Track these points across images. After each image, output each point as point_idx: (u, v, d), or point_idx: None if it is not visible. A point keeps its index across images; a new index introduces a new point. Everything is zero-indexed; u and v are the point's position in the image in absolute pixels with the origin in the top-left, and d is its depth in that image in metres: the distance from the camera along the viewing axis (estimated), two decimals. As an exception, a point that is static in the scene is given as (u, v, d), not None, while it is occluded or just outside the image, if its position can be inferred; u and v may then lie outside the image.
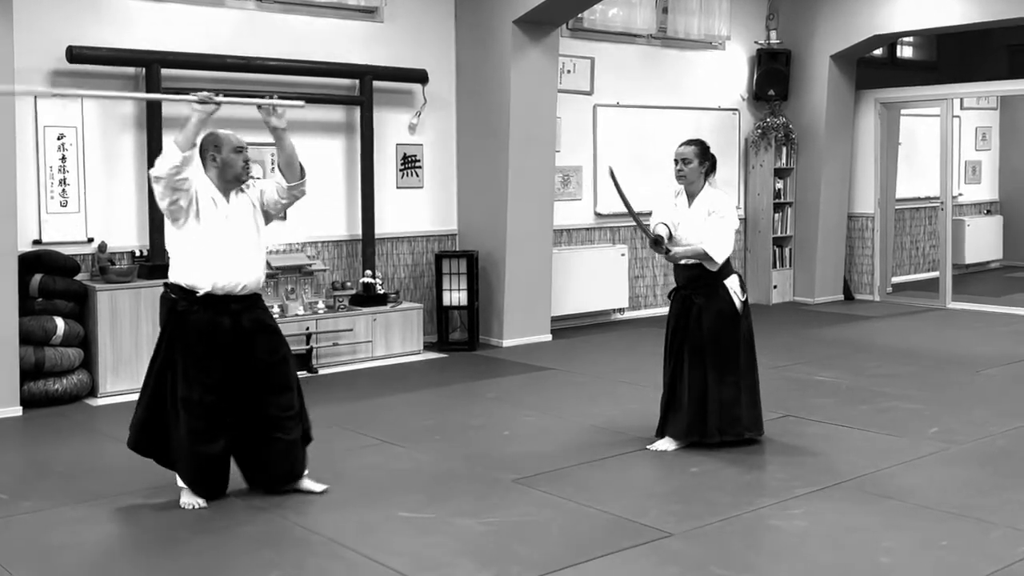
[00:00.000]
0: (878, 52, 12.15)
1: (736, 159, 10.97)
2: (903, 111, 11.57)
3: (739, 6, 10.79)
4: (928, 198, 12.03)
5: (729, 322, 5.44)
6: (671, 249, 5.41)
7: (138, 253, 7.25)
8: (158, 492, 4.80)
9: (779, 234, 11.11)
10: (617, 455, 5.43)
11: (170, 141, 4.54)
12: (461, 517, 4.49)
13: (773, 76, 10.84)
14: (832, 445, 5.58)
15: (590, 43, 9.69)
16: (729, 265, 5.49)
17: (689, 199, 5.53)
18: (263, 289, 4.86)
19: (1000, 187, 14.12)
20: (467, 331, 8.65)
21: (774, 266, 11.08)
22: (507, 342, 8.70)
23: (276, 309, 7.62)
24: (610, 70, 9.83)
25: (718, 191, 5.61)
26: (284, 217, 7.84)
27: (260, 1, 7.88)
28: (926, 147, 11.73)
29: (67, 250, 6.92)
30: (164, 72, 7.15)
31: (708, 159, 5.53)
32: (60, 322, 6.63)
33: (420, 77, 8.54)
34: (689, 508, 4.59)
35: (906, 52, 13.45)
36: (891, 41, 12.32)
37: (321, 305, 7.91)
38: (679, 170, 5.49)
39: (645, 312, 10.29)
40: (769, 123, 10.87)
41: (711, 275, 5.44)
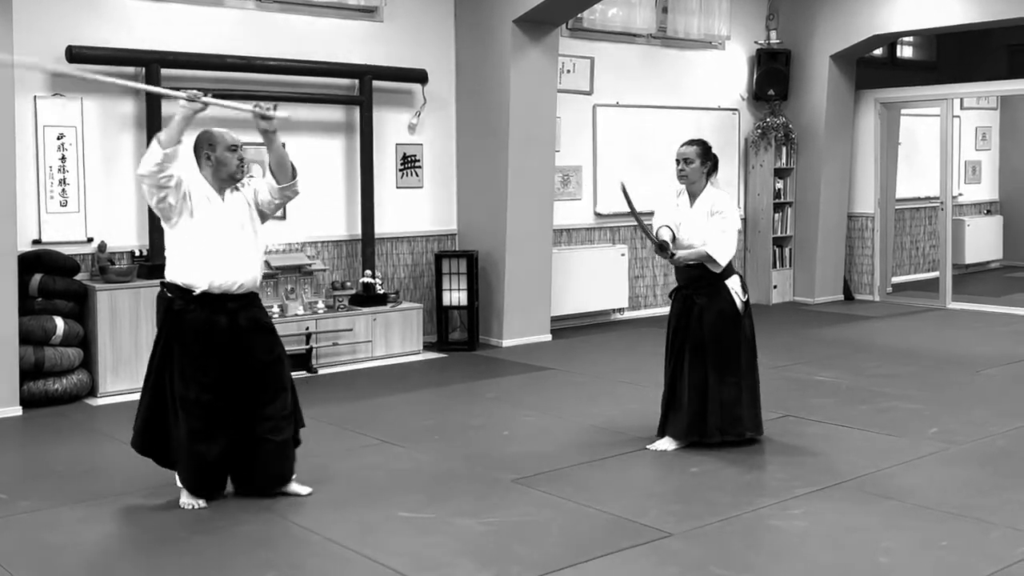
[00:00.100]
0: (878, 52, 12.15)
1: (736, 159, 10.97)
2: (903, 111, 11.57)
3: (739, 6, 10.79)
4: (928, 198, 12.03)
5: (730, 322, 5.43)
6: (675, 252, 5.40)
7: (138, 253, 7.25)
8: (158, 492, 4.79)
9: (779, 234, 11.11)
10: (617, 455, 5.43)
11: (154, 139, 4.53)
12: (461, 517, 4.49)
13: (773, 76, 10.84)
14: (832, 445, 5.58)
15: (590, 43, 9.69)
16: (731, 265, 5.49)
17: (691, 199, 5.52)
18: (261, 288, 4.85)
19: (1000, 187, 14.12)
20: (467, 331, 8.65)
21: (774, 266, 11.08)
22: (507, 342, 8.70)
23: (276, 309, 7.62)
24: (610, 70, 9.83)
25: (720, 191, 5.60)
26: (284, 216, 7.85)
27: (260, 1, 7.88)
28: (926, 147, 11.73)
29: (67, 250, 6.92)
30: (164, 72, 7.15)
31: (710, 159, 5.53)
32: (60, 322, 6.63)
33: (420, 77, 8.54)
34: (689, 508, 4.59)
35: (906, 52, 13.44)
36: (891, 41, 12.32)
37: (321, 305, 7.90)
38: (681, 170, 5.49)
39: (645, 312, 10.29)
40: (769, 123, 10.87)
41: (712, 275, 5.44)
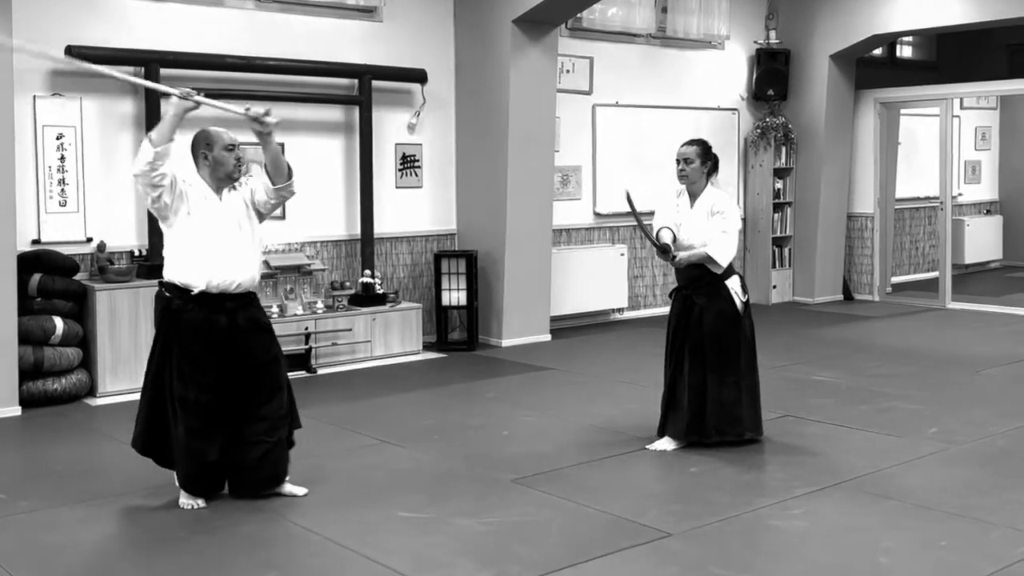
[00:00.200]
0: (878, 52, 12.15)
1: (735, 159, 10.97)
2: (903, 111, 11.57)
3: (738, 6, 10.79)
4: (928, 198, 12.03)
5: (730, 323, 5.43)
6: (677, 254, 5.40)
7: (137, 253, 7.25)
8: (157, 492, 4.79)
9: (779, 234, 11.11)
10: (616, 455, 5.43)
11: (146, 138, 4.53)
12: (460, 517, 4.49)
13: (772, 76, 10.84)
14: (832, 445, 5.57)
15: (589, 43, 9.69)
16: (731, 265, 5.48)
17: (691, 199, 5.52)
18: (260, 288, 4.84)
19: (1000, 187, 14.12)
20: (466, 331, 8.65)
21: (773, 266, 11.07)
22: (506, 342, 8.70)
23: (275, 309, 7.62)
24: (609, 70, 9.83)
25: (720, 191, 5.60)
26: (283, 216, 7.85)
27: (259, 1, 7.88)
28: (926, 147, 11.73)
29: (66, 250, 6.92)
30: (163, 72, 7.15)
31: (710, 159, 5.52)
32: (59, 322, 6.62)
33: (419, 77, 8.53)
34: (688, 508, 4.59)
35: (906, 52, 13.45)
36: (890, 41, 12.32)
37: (320, 305, 7.90)
38: (681, 170, 5.48)
39: (644, 312, 10.29)
40: (768, 123, 10.87)
41: (713, 275, 5.44)
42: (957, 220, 12.10)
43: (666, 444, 5.50)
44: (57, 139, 6.97)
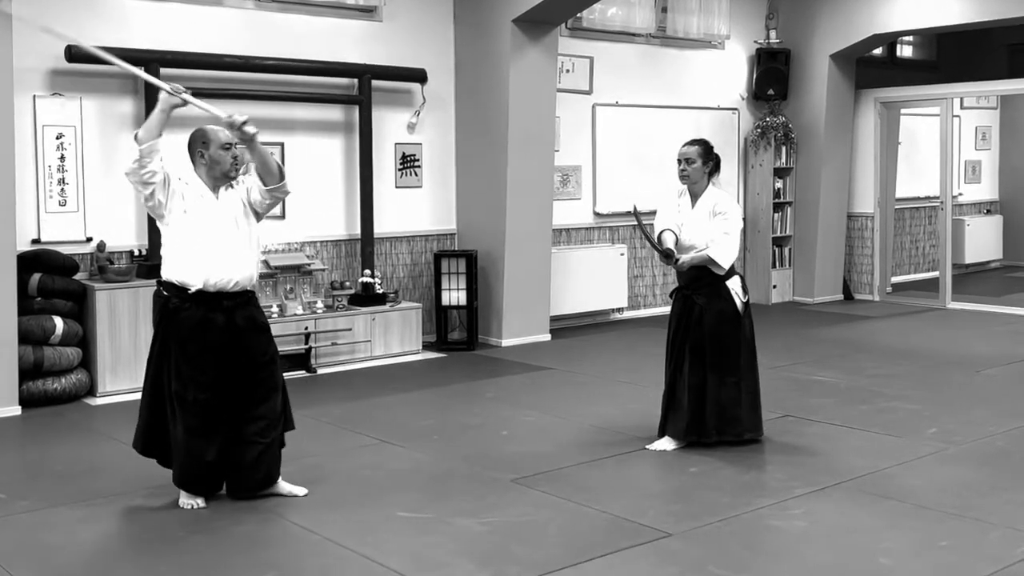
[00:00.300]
0: (878, 51, 12.14)
1: (735, 159, 10.96)
2: (903, 110, 11.56)
3: (738, 5, 10.78)
4: (928, 198, 12.03)
5: (730, 323, 5.43)
6: (679, 258, 5.39)
7: (137, 252, 7.25)
8: (157, 491, 4.79)
9: (779, 234, 11.10)
10: (616, 455, 5.43)
11: (133, 136, 4.53)
12: (460, 517, 4.49)
13: (772, 75, 10.83)
14: (832, 445, 5.57)
15: (589, 42, 9.69)
16: (732, 266, 5.48)
17: (692, 199, 5.51)
18: (259, 288, 4.84)
19: (1000, 187, 14.11)
20: (466, 331, 8.64)
21: (773, 266, 11.07)
22: (506, 342, 8.70)
23: (275, 308, 7.61)
24: (609, 69, 9.83)
25: (722, 191, 5.60)
26: (283, 216, 7.85)
27: (259, 0, 7.87)
28: (926, 147, 11.73)
29: (66, 249, 6.92)
30: (163, 71, 7.13)
31: (712, 159, 5.52)
32: (59, 321, 6.62)
33: (419, 76, 8.53)
34: (688, 508, 4.58)
35: (906, 51, 13.44)
36: (891, 40, 12.31)
37: (320, 305, 7.90)
38: (682, 170, 5.48)
39: (644, 312, 10.29)
40: (768, 123, 10.86)
41: (713, 276, 5.43)
42: (957, 220, 12.10)
43: (666, 444, 5.50)
44: (57, 139, 6.97)
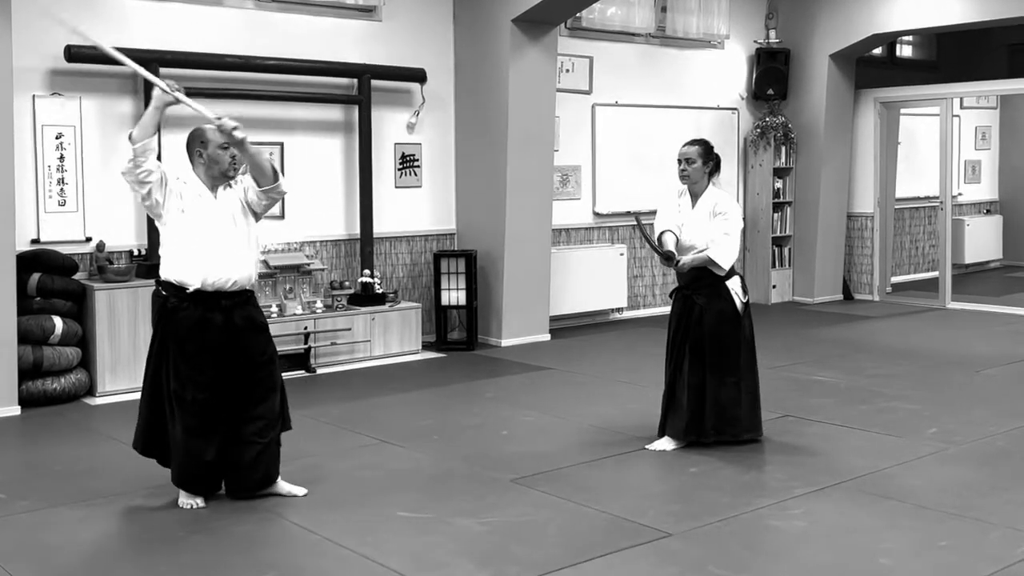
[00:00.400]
0: (877, 51, 12.14)
1: (735, 159, 10.96)
2: (903, 110, 11.56)
3: (738, 5, 10.78)
4: (928, 198, 12.02)
5: (730, 323, 5.43)
6: (680, 259, 5.39)
7: (136, 252, 7.25)
8: (156, 491, 4.79)
9: (778, 234, 11.10)
10: (616, 455, 5.42)
11: (128, 136, 4.54)
12: (459, 517, 4.48)
13: (772, 75, 10.83)
14: (831, 445, 5.57)
15: (589, 42, 9.68)
16: (732, 266, 5.48)
17: (693, 199, 5.51)
18: (259, 287, 4.83)
19: (1000, 187, 14.11)
20: (465, 331, 8.64)
21: (773, 266, 11.07)
22: (505, 342, 8.69)
23: (274, 308, 7.61)
24: (609, 69, 9.82)
25: (722, 191, 5.60)
26: (282, 215, 7.85)
27: (259, 0, 7.87)
28: (926, 146, 11.72)
29: (65, 249, 6.91)
30: (163, 71, 7.11)
31: (712, 159, 5.52)
32: (58, 321, 6.62)
33: (419, 76, 8.53)
34: (688, 508, 4.58)
35: (906, 51, 13.44)
36: (890, 40, 12.31)
37: (319, 304, 7.89)
38: (683, 170, 5.48)
39: (644, 312, 10.29)
40: (768, 122, 10.86)
41: (713, 276, 5.43)
42: (957, 220, 12.10)
43: (666, 444, 5.50)
44: (56, 139, 6.96)
